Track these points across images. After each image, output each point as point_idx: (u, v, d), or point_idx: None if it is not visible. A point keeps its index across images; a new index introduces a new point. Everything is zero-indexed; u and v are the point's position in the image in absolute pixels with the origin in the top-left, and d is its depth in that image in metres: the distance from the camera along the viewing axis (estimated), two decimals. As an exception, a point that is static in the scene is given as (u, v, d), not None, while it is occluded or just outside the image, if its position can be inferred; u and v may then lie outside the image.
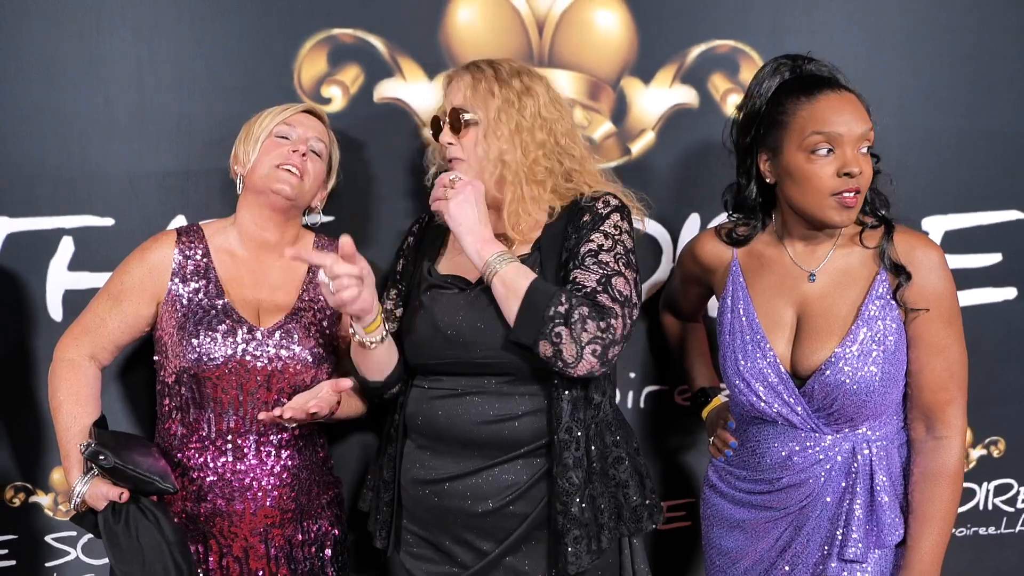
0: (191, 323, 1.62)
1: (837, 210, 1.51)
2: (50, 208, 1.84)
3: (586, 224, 1.58)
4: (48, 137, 1.83)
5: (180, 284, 1.65)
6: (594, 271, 1.53)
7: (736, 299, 1.66)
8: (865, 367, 1.51)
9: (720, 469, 1.75)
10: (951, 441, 1.55)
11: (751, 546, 1.68)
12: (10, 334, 1.86)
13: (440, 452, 1.62)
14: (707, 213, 2.04)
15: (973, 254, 2.11)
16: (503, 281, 1.51)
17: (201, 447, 1.63)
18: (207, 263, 1.67)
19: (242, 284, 1.68)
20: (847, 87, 1.54)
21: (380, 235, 1.95)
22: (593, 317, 1.46)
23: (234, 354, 1.61)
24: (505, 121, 1.59)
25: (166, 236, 1.70)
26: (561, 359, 1.47)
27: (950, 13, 2.02)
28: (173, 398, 1.65)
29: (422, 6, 1.90)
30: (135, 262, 1.67)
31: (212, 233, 1.72)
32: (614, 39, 1.96)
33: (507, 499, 1.57)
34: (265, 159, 1.66)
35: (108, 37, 1.82)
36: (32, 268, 1.85)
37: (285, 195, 1.65)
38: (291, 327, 1.66)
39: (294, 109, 1.72)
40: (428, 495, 1.62)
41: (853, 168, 1.48)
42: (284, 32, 1.87)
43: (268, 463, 1.65)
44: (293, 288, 1.72)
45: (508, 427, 1.57)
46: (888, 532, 1.56)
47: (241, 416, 1.63)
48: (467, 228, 1.54)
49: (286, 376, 1.64)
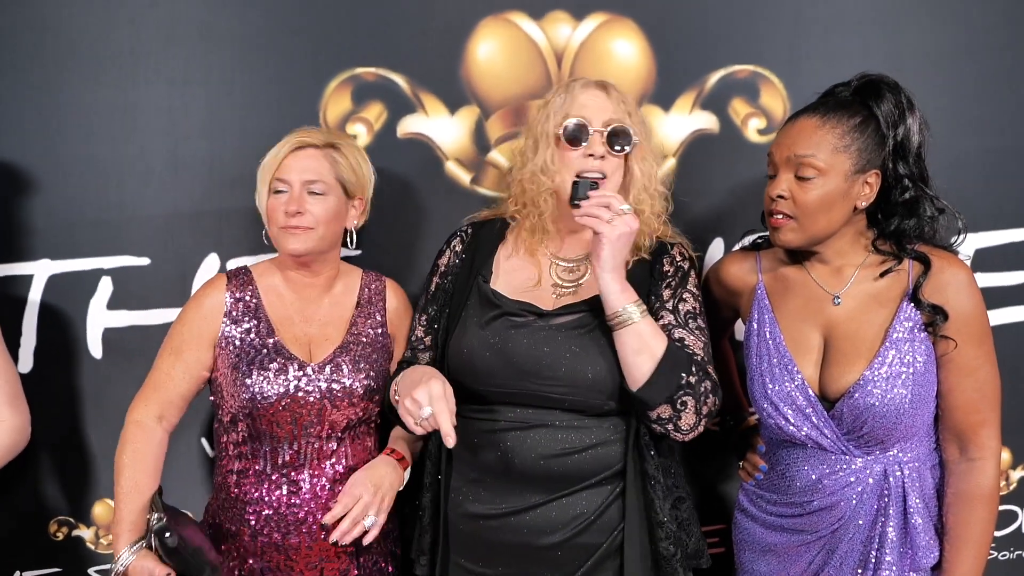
0: (244, 363, 1.64)
1: (771, 230, 1.58)
2: (89, 250, 1.92)
3: (669, 275, 1.62)
4: (87, 184, 1.91)
5: (232, 326, 1.68)
6: (699, 337, 1.57)
7: (763, 323, 1.65)
8: (895, 389, 1.50)
9: (751, 493, 1.74)
10: (985, 463, 1.53)
11: (784, 570, 1.67)
12: (53, 371, 1.93)
13: (498, 487, 1.57)
14: (731, 237, 2.04)
15: (1004, 272, 2.07)
16: (639, 335, 1.48)
17: (257, 481, 1.65)
18: (257, 303, 1.70)
19: (292, 323, 1.71)
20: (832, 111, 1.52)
21: (405, 268, 1.98)
22: (714, 392, 1.53)
23: (287, 391, 1.63)
24: (652, 149, 1.66)
25: (217, 281, 1.73)
26: (675, 423, 1.50)
27: (971, 34, 2.01)
28: (230, 435, 1.68)
29: (442, 43, 1.94)
30: (191, 312, 1.70)
31: (260, 274, 1.74)
32: (633, 68, 1.98)
33: (575, 530, 1.54)
34: (271, 221, 1.68)
35: (144, 90, 1.90)
36: (73, 307, 1.92)
37: (297, 253, 1.67)
38: (340, 360, 1.68)
39: (286, 151, 1.68)
40: (483, 528, 1.58)
41: (773, 191, 1.55)
42: (309, 73, 1.93)
43: (323, 497, 1.66)
44: (342, 323, 1.74)
45: (574, 460, 1.54)
46: (923, 555, 1.54)
47: (296, 450, 1.65)
48: (613, 265, 1.49)
49: (339, 408, 1.66)
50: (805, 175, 1.51)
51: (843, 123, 1.51)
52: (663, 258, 1.64)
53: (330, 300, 1.75)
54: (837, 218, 1.53)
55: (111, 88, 1.90)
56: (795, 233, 1.54)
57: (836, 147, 1.50)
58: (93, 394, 1.94)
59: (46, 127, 1.89)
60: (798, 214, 1.53)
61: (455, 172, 1.99)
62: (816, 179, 1.50)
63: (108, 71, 1.89)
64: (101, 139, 1.90)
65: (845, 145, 1.50)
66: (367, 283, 1.79)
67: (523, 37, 1.96)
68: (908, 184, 1.53)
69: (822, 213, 1.52)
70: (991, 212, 2.06)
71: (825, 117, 1.52)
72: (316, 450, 1.66)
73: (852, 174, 1.51)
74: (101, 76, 1.89)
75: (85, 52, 1.88)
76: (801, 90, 1.93)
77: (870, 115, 1.52)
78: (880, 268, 1.57)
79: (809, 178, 1.50)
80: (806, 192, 1.51)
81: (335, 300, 1.75)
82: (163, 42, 1.90)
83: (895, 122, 1.52)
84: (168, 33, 1.90)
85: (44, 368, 1.92)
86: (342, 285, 1.77)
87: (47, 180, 1.90)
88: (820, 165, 1.50)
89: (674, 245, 1.67)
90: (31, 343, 1.92)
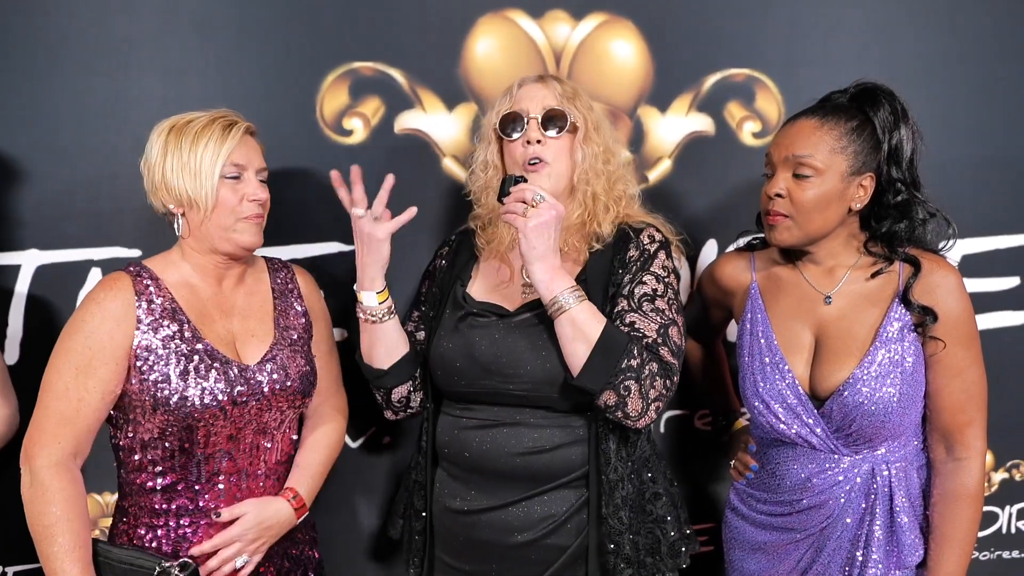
0: (175, 374, 1.47)
1: (766, 229, 1.60)
2: (79, 241, 1.89)
3: (633, 260, 1.58)
4: (78, 174, 1.88)
5: (150, 333, 1.48)
6: (653, 319, 1.51)
7: (755, 322, 1.67)
8: (883, 388, 1.52)
9: (741, 492, 1.76)
10: (971, 462, 1.56)
11: (773, 568, 1.69)
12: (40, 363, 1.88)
13: (473, 483, 1.60)
14: (724, 239, 2.06)
15: (991, 278, 2.11)
16: (572, 321, 1.45)
17: (190, 492, 1.52)
18: (173, 304, 1.51)
19: (212, 319, 1.56)
20: (830, 114, 1.55)
21: (400, 265, 1.97)
22: (661, 374, 1.47)
23: (229, 397, 1.50)
24: (601, 133, 1.63)
25: (117, 282, 1.50)
26: (623, 411, 1.46)
27: (964, 42, 2.04)
28: (147, 453, 1.50)
29: (441, 39, 1.94)
30: (95, 321, 1.45)
31: (162, 269, 1.56)
32: (630, 68, 1.99)
33: (543, 531, 1.55)
34: (224, 210, 1.51)
35: (136, 80, 1.88)
36: (62, 299, 1.89)
37: (254, 246, 1.56)
38: (279, 357, 1.59)
39: (236, 138, 1.52)
40: (462, 525, 1.61)
41: (770, 190, 1.58)
42: (306, 67, 1.91)
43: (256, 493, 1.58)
44: (264, 316, 1.63)
45: (543, 459, 1.55)
46: (908, 553, 1.57)
47: (233, 457, 1.54)
48: (539, 255, 1.45)
49: (279, 408, 1.58)
50: (803, 174, 1.53)
51: (841, 125, 1.54)
52: (628, 244, 1.60)
53: (244, 290, 1.64)
54: (832, 218, 1.56)
55: (104, 77, 1.87)
56: (791, 232, 1.57)
57: (833, 148, 1.53)
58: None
59: (37, 116, 1.85)
60: (795, 213, 1.55)
61: (452, 169, 1.99)
62: (813, 178, 1.53)
63: (101, 59, 1.86)
64: (93, 129, 1.87)
65: (842, 147, 1.53)
66: (274, 271, 1.71)
67: (522, 35, 1.96)
68: (901, 188, 1.56)
69: (818, 212, 1.54)
70: (979, 218, 2.09)
71: (824, 119, 1.55)
72: (251, 450, 1.57)
73: (848, 175, 1.54)
74: (94, 65, 1.86)
75: (77, 39, 1.85)
76: (796, 95, 1.97)
77: (867, 120, 1.55)
78: (871, 269, 1.59)
79: (807, 176, 1.53)
80: (803, 191, 1.54)
81: (249, 290, 1.64)
82: (158, 31, 1.87)
83: (890, 128, 1.55)
84: (163, 22, 1.87)
85: (31, 360, 1.89)
86: (252, 274, 1.67)
87: (37, 170, 1.86)
88: (818, 165, 1.53)
89: (643, 229, 1.62)
90: (18, 334, 1.89)
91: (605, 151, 1.63)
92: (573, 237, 1.61)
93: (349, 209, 1.59)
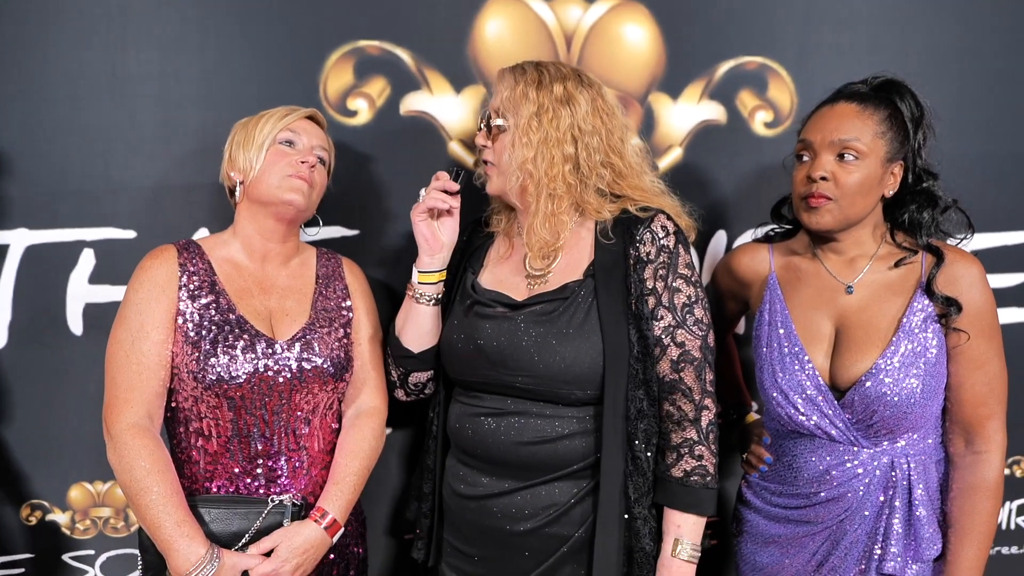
0: (207, 342, 1.53)
1: (806, 212, 1.58)
2: (71, 220, 1.82)
3: (651, 258, 1.54)
4: (71, 151, 1.81)
5: (189, 301, 1.55)
6: (696, 333, 1.54)
7: (774, 312, 1.65)
8: (907, 379, 1.51)
9: (754, 485, 1.73)
10: (991, 455, 1.56)
11: (787, 561, 1.67)
12: (29, 347, 1.83)
13: (480, 469, 1.61)
14: (733, 230, 2.04)
15: (998, 274, 2.10)
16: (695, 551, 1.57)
17: (233, 475, 1.55)
18: (212, 277, 1.59)
19: (251, 294, 1.61)
20: (867, 100, 1.55)
21: (405, 249, 1.93)
22: (713, 420, 1.55)
23: (256, 370, 1.54)
24: (535, 129, 1.54)
25: (165, 252, 1.59)
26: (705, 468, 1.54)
27: (975, 36, 2.04)
28: (191, 424, 1.55)
29: (449, 18, 1.90)
30: (144, 287, 1.55)
31: (211, 247, 1.64)
32: (642, 54, 1.96)
33: (546, 519, 1.55)
34: (273, 169, 1.59)
35: (134, 54, 1.82)
36: (53, 281, 1.83)
37: (297, 206, 1.60)
38: (311, 338, 1.61)
39: (298, 115, 1.65)
40: (468, 509, 1.61)
41: (815, 172, 1.54)
42: (310, 44, 1.86)
43: (301, 479, 1.60)
44: (303, 297, 1.66)
45: (548, 448, 1.54)
46: (926, 546, 1.55)
47: (268, 437, 1.56)
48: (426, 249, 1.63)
49: (309, 390, 1.59)
50: (848, 157, 1.53)
51: (880, 111, 1.55)
52: (638, 235, 1.55)
53: (288, 272, 1.67)
54: (870, 203, 1.57)
55: (98, 51, 1.80)
56: (832, 215, 1.56)
57: (876, 133, 1.54)
58: (72, 372, 1.85)
59: (28, 90, 1.79)
60: (839, 196, 1.54)
61: (459, 153, 1.94)
62: (858, 161, 1.54)
63: (95, 32, 1.80)
64: (87, 105, 1.81)
65: (882, 132, 1.54)
66: (323, 260, 1.74)
67: (533, 17, 1.92)
68: (926, 177, 1.59)
69: (860, 196, 1.55)
70: (986, 214, 2.08)
71: (863, 105, 1.56)
72: (289, 435, 1.58)
73: (886, 161, 1.55)
74: (88, 38, 1.80)
75: (71, 11, 1.79)
76: (809, 85, 1.96)
77: (897, 110, 1.56)
78: (893, 259, 1.59)
79: (852, 160, 1.53)
80: (849, 174, 1.53)
81: (293, 272, 1.68)
82: (155, 3, 1.81)
83: (917, 119, 1.57)
84: (161, -7, 1.81)
85: (20, 343, 1.83)
86: (299, 260, 1.71)
87: (27, 146, 1.80)
88: (863, 148, 1.53)
89: (652, 217, 1.56)
90: (6, 317, 1.82)
91: (564, 142, 1.55)
92: (535, 236, 1.58)
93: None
